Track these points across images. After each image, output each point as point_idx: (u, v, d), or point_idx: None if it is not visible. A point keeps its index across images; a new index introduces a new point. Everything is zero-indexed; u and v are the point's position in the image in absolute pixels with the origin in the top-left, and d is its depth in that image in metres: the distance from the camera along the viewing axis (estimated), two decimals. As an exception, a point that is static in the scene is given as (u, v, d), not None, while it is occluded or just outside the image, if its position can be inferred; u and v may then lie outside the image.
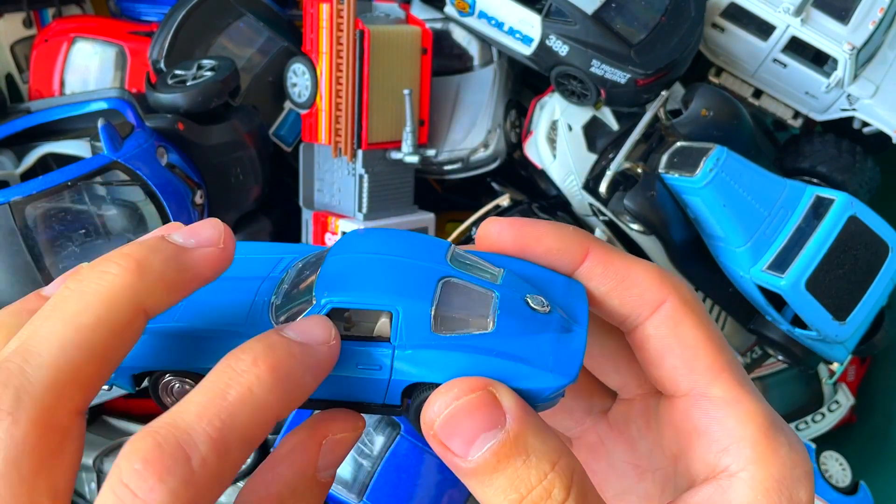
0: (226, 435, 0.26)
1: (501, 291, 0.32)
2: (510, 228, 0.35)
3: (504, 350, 0.31)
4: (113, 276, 0.28)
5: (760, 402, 0.32)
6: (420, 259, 0.33)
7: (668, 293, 0.33)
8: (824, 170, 0.94)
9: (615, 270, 0.34)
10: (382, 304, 0.31)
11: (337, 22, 0.86)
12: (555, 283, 0.34)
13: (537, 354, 0.31)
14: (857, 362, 1.11)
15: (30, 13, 0.98)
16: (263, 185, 0.91)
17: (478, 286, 0.32)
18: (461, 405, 0.28)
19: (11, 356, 0.27)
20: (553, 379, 0.31)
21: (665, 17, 0.86)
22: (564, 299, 0.33)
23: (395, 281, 0.32)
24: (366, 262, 0.33)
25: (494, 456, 0.28)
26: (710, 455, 0.32)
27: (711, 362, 0.33)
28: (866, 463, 1.01)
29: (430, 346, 0.31)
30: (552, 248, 0.34)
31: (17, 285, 0.70)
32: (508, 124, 0.99)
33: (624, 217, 0.88)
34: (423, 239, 0.35)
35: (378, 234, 0.35)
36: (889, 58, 0.91)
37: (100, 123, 0.72)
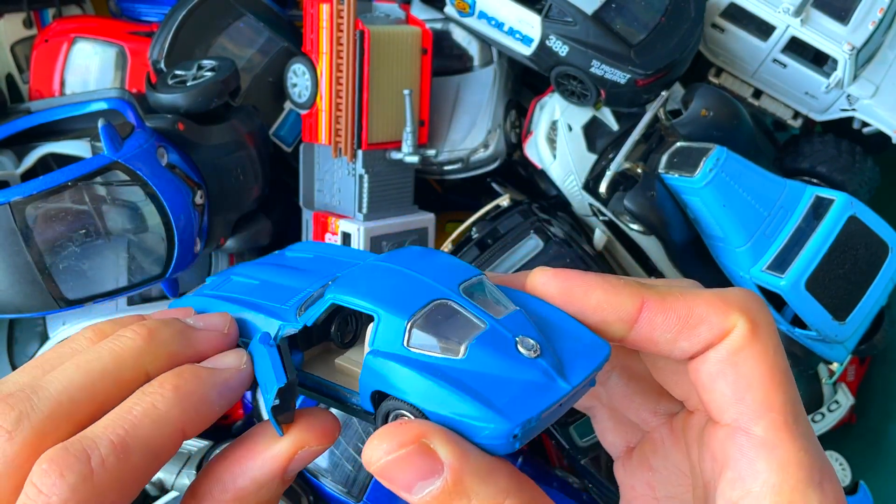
0: (127, 441, 0.30)
1: (493, 326, 0.32)
2: (555, 280, 0.34)
3: (461, 380, 0.30)
4: (126, 339, 0.33)
5: (804, 449, 0.31)
6: (434, 279, 0.34)
7: (737, 319, 0.32)
8: (824, 170, 0.94)
9: (676, 314, 0.33)
10: (368, 307, 0.33)
11: (337, 22, 0.86)
12: (575, 337, 0.33)
13: (494, 393, 0.30)
14: (857, 362, 1.11)
15: (30, 13, 0.98)
16: (263, 186, 0.91)
17: (471, 315, 0.32)
18: (397, 456, 0.29)
19: (26, 385, 0.31)
20: (497, 420, 0.30)
21: (665, 17, 0.86)
22: (570, 355, 0.32)
23: (392, 291, 0.34)
24: (385, 271, 0.35)
25: (434, 500, 0.29)
26: (733, 493, 0.31)
27: (763, 398, 0.31)
28: (866, 463, 1.01)
29: (396, 360, 0.31)
30: (602, 301, 0.33)
31: (18, 285, 0.70)
32: (508, 124, 0.99)
33: (624, 217, 0.88)
34: (456, 264, 0.36)
35: (422, 253, 0.37)
36: (889, 58, 0.91)
37: (100, 124, 0.72)
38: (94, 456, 0.29)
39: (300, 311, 0.36)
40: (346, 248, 0.42)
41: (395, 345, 0.32)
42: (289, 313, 0.36)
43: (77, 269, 0.71)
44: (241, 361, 0.35)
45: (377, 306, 0.33)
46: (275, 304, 0.37)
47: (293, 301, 0.37)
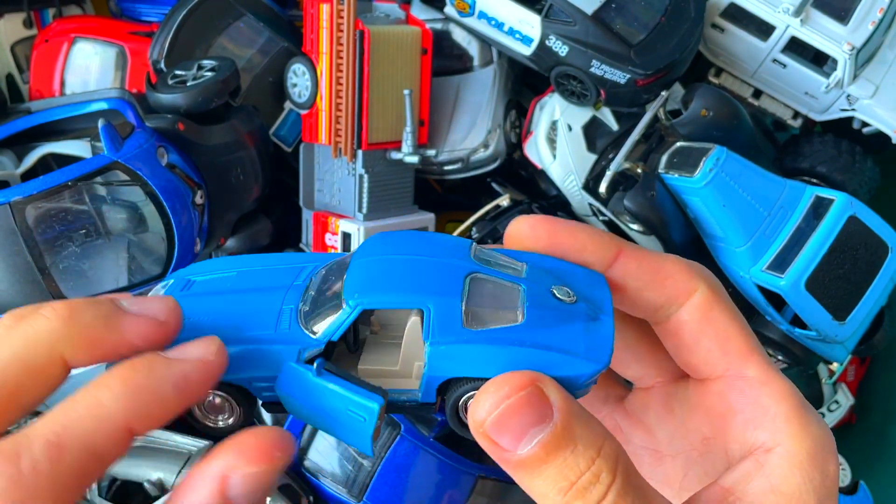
0: (63, 440, 0.27)
1: (527, 284, 0.33)
2: (544, 224, 0.36)
3: (537, 341, 0.31)
4: (41, 320, 0.29)
5: (789, 382, 0.34)
6: (445, 257, 0.33)
7: (699, 282, 0.35)
8: (824, 170, 0.94)
9: (648, 265, 0.35)
10: (413, 302, 0.32)
11: (337, 22, 0.86)
12: (577, 274, 0.35)
13: (570, 343, 0.32)
14: (857, 362, 1.11)
15: (30, 13, 0.98)
16: (263, 186, 0.91)
17: (504, 280, 0.33)
18: (511, 403, 0.29)
19: None
20: (587, 366, 0.31)
21: (665, 17, 0.86)
22: (588, 289, 0.34)
23: (424, 279, 0.32)
24: (392, 262, 0.33)
25: (543, 448, 0.29)
26: (746, 433, 0.33)
27: (743, 345, 0.34)
28: (866, 463, 1.01)
29: (465, 342, 0.31)
30: (586, 244, 0.35)
31: (18, 285, 0.70)
32: (508, 124, 0.99)
33: (624, 217, 0.88)
34: (445, 238, 0.36)
35: (400, 236, 0.35)
36: (888, 58, 0.91)
37: (100, 124, 0.72)
38: (25, 458, 0.27)
39: (310, 329, 0.33)
40: (268, 255, 0.38)
41: (456, 329, 0.31)
42: (291, 335, 0.33)
43: (77, 268, 0.71)
44: (208, 352, 0.30)
45: (422, 298, 0.32)
46: (263, 331, 0.33)
47: (284, 321, 0.33)
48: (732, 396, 0.34)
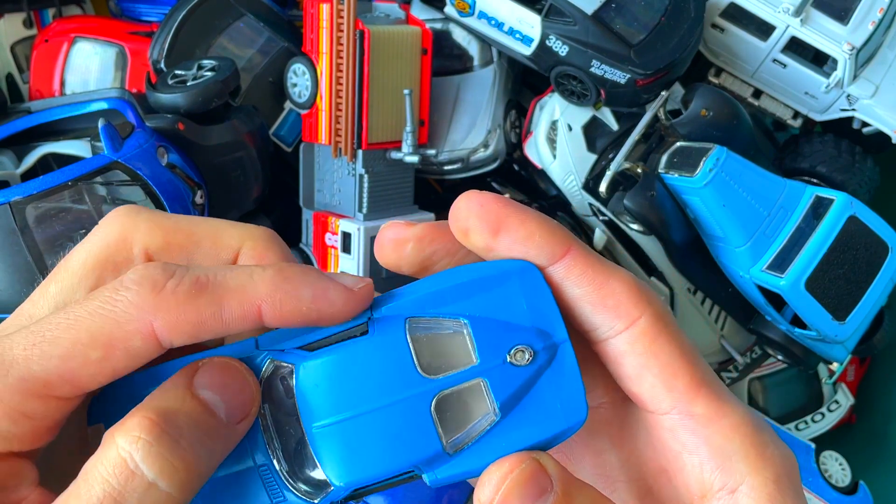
0: (207, 285, 0.29)
1: (486, 372, 0.30)
2: (494, 205, 0.32)
3: (518, 427, 0.30)
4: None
5: (741, 411, 0.32)
6: (397, 394, 0.30)
7: (644, 309, 0.32)
8: (824, 170, 0.94)
9: (594, 275, 0.32)
10: (399, 467, 0.29)
11: (337, 22, 0.86)
12: (515, 299, 0.31)
13: (545, 409, 0.30)
14: (857, 362, 1.11)
15: (30, 13, 0.98)
16: (263, 185, 0.91)
17: (466, 383, 0.30)
18: (514, 479, 0.28)
19: None
20: (566, 422, 0.30)
21: (665, 17, 0.86)
22: (533, 314, 0.31)
23: (394, 433, 0.29)
24: (352, 424, 0.29)
25: None
26: (703, 475, 0.32)
27: (690, 380, 0.32)
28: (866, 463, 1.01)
29: (460, 468, 0.30)
30: (534, 233, 0.32)
31: (18, 285, 0.70)
32: (508, 124, 0.99)
33: (624, 217, 0.88)
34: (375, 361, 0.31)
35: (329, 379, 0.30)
36: (889, 58, 0.91)
37: (100, 123, 0.72)
38: (174, 279, 0.28)
39: (310, 487, 0.30)
40: None
41: (445, 461, 0.30)
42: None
43: (77, 268, 0.71)
44: (353, 283, 0.30)
45: (407, 457, 0.29)
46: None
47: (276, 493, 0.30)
48: (684, 436, 0.32)
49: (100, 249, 0.31)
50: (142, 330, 0.27)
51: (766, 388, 1.04)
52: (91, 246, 0.31)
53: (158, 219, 0.32)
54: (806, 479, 0.93)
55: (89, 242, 0.31)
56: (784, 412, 1.04)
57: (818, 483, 0.93)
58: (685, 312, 0.97)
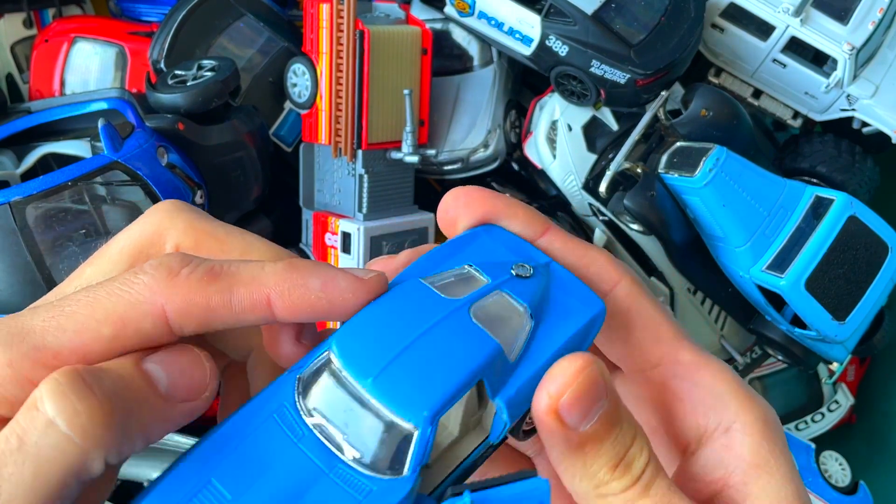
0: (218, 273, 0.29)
1: (503, 286, 0.32)
2: (478, 193, 0.36)
3: (555, 326, 0.31)
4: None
5: (722, 362, 0.35)
6: (437, 314, 0.30)
7: (622, 273, 0.35)
8: (824, 170, 0.94)
9: (574, 246, 0.35)
10: (469, 379, 0.28)
11: (337, 22, 0.86)
12: (481, 238, 0.34)
13: (567, 307, 0.32)
14: (857, 362, 1.11)
15: (30, 13, 0.98)
16: (263, 185, 0.91)
17: (489, 296, 0.32)
18: (581, 381, 0.29)
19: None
20: (591, 312, 0.32)
21: (665, 17, 0.86)
22: (509, 247, 0.34)
23: (447, 349, 0.29)
24: (405, 357, 0.28)
25: (603, 424, 0.29)
26: (697, 419, 0.34)
27: (674, 333, 0.35)
28: (866, 463, 1.01)
29: (523, 376, 0.30)
30: (518, 213, 0.35)
31: (17, 285, 0.70)
32: (508, 124, 0.99)
33: (624, 217, 0.88)
34: (411, 298, 0.31)
35: (378, 320, 0.30)
36: (888, 58, 0.91)
37: (100, 123, 0.72)
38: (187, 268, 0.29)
39: (383, 471, 0.28)
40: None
41: (508, 371, 0.30)
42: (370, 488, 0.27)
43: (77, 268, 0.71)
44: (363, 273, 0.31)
45: (474, 368, 0.28)
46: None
47: (343, 479, 0.27)
48: (674, 384, 0.34)
49: (137, 239, 0.32)
50: (153, 312, 0.28)
51: (766, 388, 1.04)
52: (130, 235, 0.33)
53: (196, 220, 0.33)
54: (806, 478, 0.93)
55: (129, 231, 0.33)
56: (784, 412, 1.04)
57: (818, 483, 0.93)
58: (685, 312, 0.97)
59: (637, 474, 0.30)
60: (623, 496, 0.30)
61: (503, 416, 0.29)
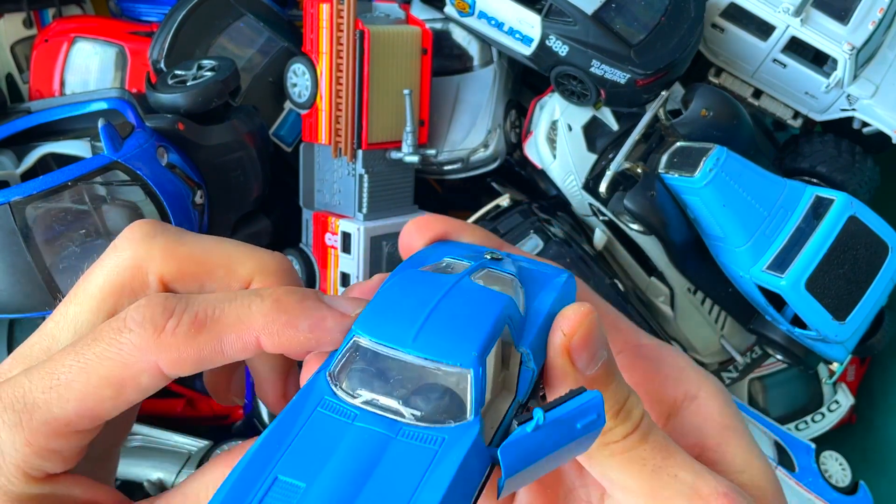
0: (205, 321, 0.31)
1: (486, 265, 0.35)
2: (432, 219, 0.38)
3: (542, 289, 0.34)
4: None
5: (675, 345, 0.39)
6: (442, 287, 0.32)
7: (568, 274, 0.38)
8: (824, 170, 0.94)
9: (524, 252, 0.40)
10: (498, 321, 0.30)
11: (337, 22, 0.86)
12: (442, 245, 0.38)
13: (543, 276, 0.35)
14: (857, 362, 1.11)
15: (30, 13, 0.98)
16: (263, 185, 0.91)
17: (478, 271, 0.34)
18: (587, 325, 0.31)
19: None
20: (562, 276, 0.35)
21: (665, 17, 0.86)
22: (467, 248, 0.37)
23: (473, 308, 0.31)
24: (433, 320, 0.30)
25: (605, 369, 0.31)
26: (666, 392, 0.37)
27: (628, 324, 0.39)
28: (866, 463, 1.01)
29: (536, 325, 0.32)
30: (478, 233, 0.39)
31: (18, 285, 0.70)
32: (508, 124, 0.99)
33: (624, 217, 0.88)
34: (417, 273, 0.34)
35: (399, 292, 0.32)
36: (889, 58, 0.91)
37: (100, 123, 0.72)
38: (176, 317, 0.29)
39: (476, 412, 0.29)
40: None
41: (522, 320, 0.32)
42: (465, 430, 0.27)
43: (77, 268, 0.71)
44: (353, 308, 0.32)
45: (501, 314, 0.31)
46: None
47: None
48: (641, 364, 0.37)
49: (116, 275, 0.32)
50: (147, 369, 0.29)
51: (766, 387, 1.04)
52: (107, 271, 0.33)
53: (173, 246, 0.33)
54: (806, 479, 0.93)
55: (106, 266, 0.33)
56: (784, 412, 1.04)
57: (818, 483, 0.93)
58: (685, 312, 0.97)
59: (636, 421, 0.32)
60: (624, 443, 0.31)
61: (530, 364, 0.31)
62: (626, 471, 0.31)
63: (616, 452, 0.31)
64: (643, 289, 0.97)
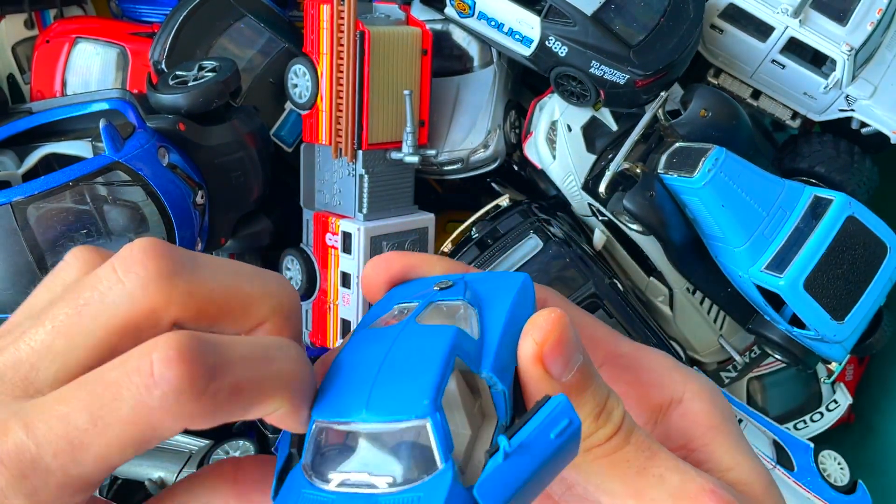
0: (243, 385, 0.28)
1: (434, 297, 0.33)
2: (397, 255, 0.37)
3: (497, 303, 0.32)
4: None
5: (656, 349, 0.38)
6: (392, 337, 0.31)
7: (546, 294, 0.37)
8: (822, 170, 0.94)
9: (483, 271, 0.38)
10: (449, 356, 0.29)
11: (337, 23, 0.86)
12: (405, 285, 0.36)
13: (497, 289, 0.33)
14: (856, 362, 1.11)
15: (31, 14, 0.98)
16: (264, 186, 0.91)
17: (428, 307, 0.33)
18: (559, 332, 0.30)
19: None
20: (517, 283, 0.34)
21: (664, 18, 0.86)
22: (423, 281, 0.36)
23: (423, 347, 0.30)
24: (385, 373, 0.29)
25: (581, 374, 0.30)
26: (651, 400, 0.36)
27: (607, 331, 0.38)
28: (865, 462, 1.01)
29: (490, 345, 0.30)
30: (437, 264, 0.37)
31: (19, 286, 0.70)
32: (508, 125, 1.00)
33: (623, 217, 0.88)
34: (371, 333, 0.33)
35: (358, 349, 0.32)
36: (887, 58, 0.91)
37: (101, 124, 0.72)
38: (218, 381, 0.26)
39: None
40: None
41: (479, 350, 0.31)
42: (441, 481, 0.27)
43: (78, 268, 0.71)
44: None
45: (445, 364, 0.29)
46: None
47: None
48: (622, 375, 0.37)
49: (125, 318, 0.28)
50: (177, 430, 0.27)
51: (764, 387, 1.05)
52: (114, 312, 0.28)
53: (195, 289, 0.29)
54: (804, 478, 0.93)
55: (112, 305, 0.28)
56: (783, 411, 1.04)
57: (817, 482, 0.94)
58: (684, 312, 0.97)
59: (618, 423, 0.31)
60: (607, 445, 0.31)
61: (498, 387, 0.29)
62: (610, 474, 0.31)
63: (599, 456, 0.31)
64: (642, 289, 0.97)
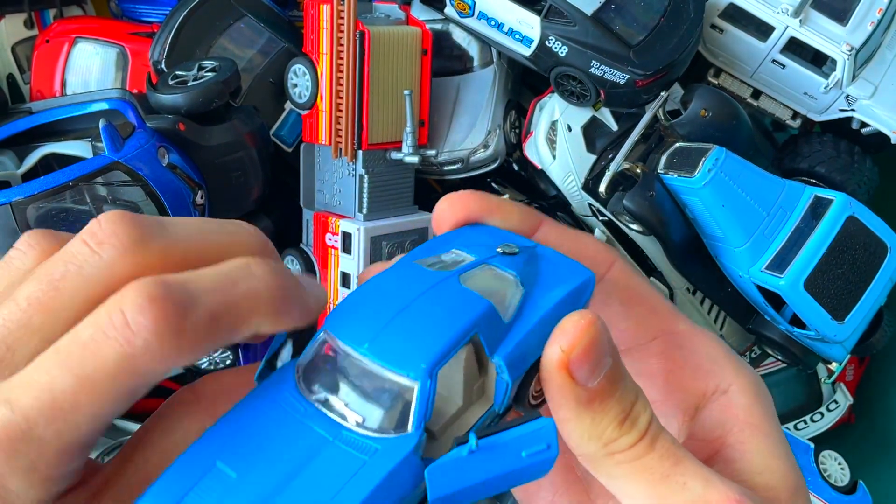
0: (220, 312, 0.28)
1: (490, 261, 0.32)
2: (472, 197, 0.36)
3: (547, 291, 0.31)
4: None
5: (711, 331, 0.38)
6: (431, 282, 0.30)
7: (615, 255, 0.37)
8: (823, 170, 0.94)
9: (568, 235, 0.37)
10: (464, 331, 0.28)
11: (337, 23, 0.86)
12: (465, 233, 0.35)
13: (558, 276, 0.32)
14: (856, 362, 1.11)
15: (31, 14, 0.98)
16: (264, 186, 0.91)
17: (477, 268, 0.32)
18: (589, 336, 0.29)
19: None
20: (581, 277, 0.33)
21: (664, 17, 0.86)
22: (493, 236, 0.34)
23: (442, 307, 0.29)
24: (400, 320, 0.29)
25: (609, 380, 0.30)
26: (696, 383, 0.36)
27: (669, 306, 0.38)
28: (865, 462, 1.01)
29: (520, 333, 0.30)
30: (512, 212, 0.36)
31: (19, 285, 0.70)
32: (508, 125, 1.00)
33: (623, 217, 0.88)
34: (406, 270, 0.32)
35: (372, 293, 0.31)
36: (887, 58, 0.91)
37: (101, 124, 0.72)
38: (192, 314, 0.26)
39: (388, 431, 0.27)
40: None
41: (504, 328, 0.30)
42: (389, 449, 0.27)
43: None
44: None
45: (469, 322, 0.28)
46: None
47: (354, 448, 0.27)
48: (673, 352, 0.36)
49: (104, 287, 0.28)
50: (163, 370, 0.27)
51: (765, 387, 1.05)
52: (93, 283, 0.28)
53: (169, 248, 0.29)
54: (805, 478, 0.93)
55: (89, 277, 0.28)
56: (783, 411, 1.04)
57: (817, 482, 0.94)
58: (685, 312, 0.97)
59: (643, 429, 0.30)
60: (630, 452, 0.30)
61: (504, 376, 0.29)
62: (632, 480, 0.30)
63: (622, 462, 0.30)
64: (642, 289, 0.97)
